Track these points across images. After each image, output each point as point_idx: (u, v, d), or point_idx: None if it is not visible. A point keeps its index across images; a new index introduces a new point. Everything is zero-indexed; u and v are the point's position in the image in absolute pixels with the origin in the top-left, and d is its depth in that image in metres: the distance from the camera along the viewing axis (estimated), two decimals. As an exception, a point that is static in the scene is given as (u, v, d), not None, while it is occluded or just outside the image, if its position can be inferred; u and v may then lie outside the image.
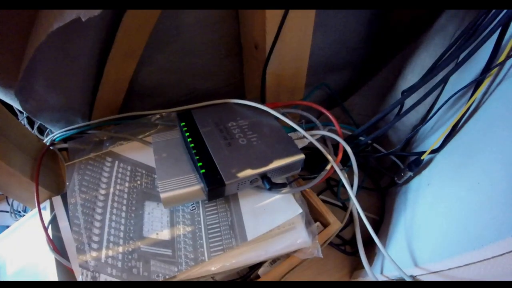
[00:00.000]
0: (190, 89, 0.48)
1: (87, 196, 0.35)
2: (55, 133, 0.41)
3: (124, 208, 0.35)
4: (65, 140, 0.42)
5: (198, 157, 0.32)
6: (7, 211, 0.47)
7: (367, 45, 0.50)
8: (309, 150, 0.36)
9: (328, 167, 0.36)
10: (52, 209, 0.37)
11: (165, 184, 0.33)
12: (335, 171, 0.36)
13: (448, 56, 0.30)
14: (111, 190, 0.36)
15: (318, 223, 0.38)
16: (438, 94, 0.39)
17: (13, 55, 0.33)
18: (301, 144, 0.37)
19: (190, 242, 0.33)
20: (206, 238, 0.33)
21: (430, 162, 0.35)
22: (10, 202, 0.47)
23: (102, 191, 0.36)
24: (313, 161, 0.38)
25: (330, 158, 0.35)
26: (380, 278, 0.35)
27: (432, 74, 0.31)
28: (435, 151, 0.33)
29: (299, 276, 0.43)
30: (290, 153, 0.33)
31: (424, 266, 0.29)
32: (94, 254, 0.32)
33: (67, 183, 0.36)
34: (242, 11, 0.38)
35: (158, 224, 0.34)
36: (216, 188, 0.30)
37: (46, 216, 0.36)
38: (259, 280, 0.34)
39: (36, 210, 0.39)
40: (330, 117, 0.37)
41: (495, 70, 0.28)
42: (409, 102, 0.35)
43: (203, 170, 0.31)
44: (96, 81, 0.39)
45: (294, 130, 0.37)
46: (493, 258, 0.23)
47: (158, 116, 0.43)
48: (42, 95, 0.36)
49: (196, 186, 0.33)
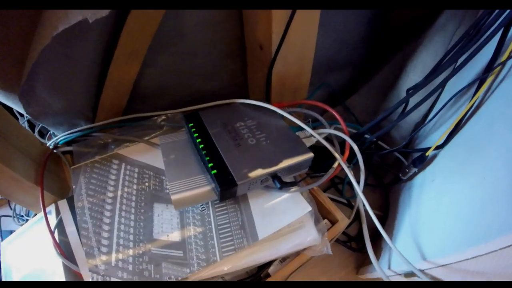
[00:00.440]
0: (193, 90, 0.48)
1: (95, 199, 0.35)
2: (58, 136, 0.40)
3: (133, 210, 0.35)
4: (68, 143, 0.41)
5: (208, 158, 0.32)
6: (10, 216, 0.46)
7: (367, 44, 0.51)
8: (313, 148, 0.36)
9: (335, 165, 0.36)
10: (57, 213, 0.36)
11: (175, 185, 0.32)
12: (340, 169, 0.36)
13: (451, 56, 0.31)
14: (119, 192, 0.36)
15: (326, 221, 0.39)
16: (439, 92, 0.40)
17: (14, 59, 0.32)
18: (308, 143, 0.37)
19: (201, 243, 0.33)
20: (217, 238, 0.33)
21: (434, 158, 0.36)
22: (13, 207, 0.46)
23: (110, 194, 0.36)
24: (317, 159, 0.38)
25: (337, 156, 0.36)
26: (387, 273, 0.36)
27: (436, 73, 0.32)
28: (439, 147, 0.34)
29: (307, 273, 0.44)
30: (299, 152, 0.34)
31: (431, 260, 0.29)
32: (104, 258, 0.32)
33: (74, 187, 0.36)
34: (246, 12, 0.38)
35: (168, 226, 0.34)
36: (228, 188, 0.30)
37: (52, 220, 0.35)
38: (270, 278, 0.35)
39: (40, 214, 0.38)
40: (336, 115, 0.37)
41: (498, 69, 0.29)
42: (412, 100, 0.36)
43: (215, 171, 0.31)
44: (99, 83, 0.39)
45: (301, 129, 0.38)
46: (499, 250, 0.23)
47: (163, 117, 0.42)
48: (45, 99, 0.36)
49: (206, 187, 0.33)
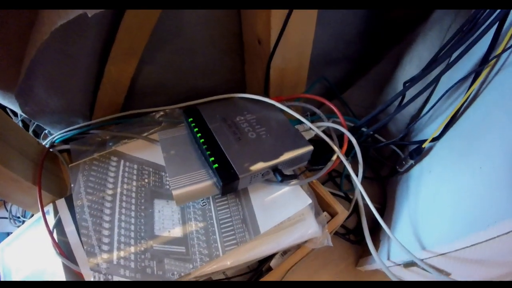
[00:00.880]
0: (190, 86, 0.48)
1: (94, 197, 0.35)
2: (55, 135, 0.40)
3: (133, 207, 0.35)
4: (65, 141, 0.40)
5: (209, 152, 0.32)
6: (6, 218, 0.45)
7: (364, 38, 0.51)
8: (311, 142, 0.36)
9: (334, 158, 0.37)
10: (55, 212, 0.36)
11: (176, 181, 0.32)
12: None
13: (448, 49, 0.32)
14: (118, 190, 0.36)
15: (325, 213, 0.39)
16: (435, 85, 0.41)
17: (12, 59, 0.31)
18: (307, 136, 0.37)
19: (203, 238, 0.33)
20: (219, 233, 0.33)
21: (430, 150, 0.37)
22: (9, 208, 0.46)
23: (109, 192, 0.35)
24: (315, 153, 0.39)
25: (336, 149, 0.36)
26: (387, 263, 0.36)
27: (433, 66, 0.32)
28: (436, 139, 0.35)
29: (307, 266, 0.44)
30: (299, 145, 0.34)
31: (431, 249, 0.30)
32: (106, 256, 0.31)
33: (72, 185, 0.35)
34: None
35: (169, 222, 0.34)
36: (230, 182, 0.30)
37: (50, 220, 0.35)
38: (272, 272, 0.35)
39: (38, 215, 0.37)
40: (334, 109, 0.38)
41: (493, 61, 0.29)
42: (408, 93, 0.36)
43: (216, 165, 0.31)
44: (97, 81, 0.39)
45: (300, 122, 0.38)
46: (498, 237, 0.24)
47: (162, 113, 0.42)
48: (42, 97, 0.35)
49: (207, 182, 0.33)
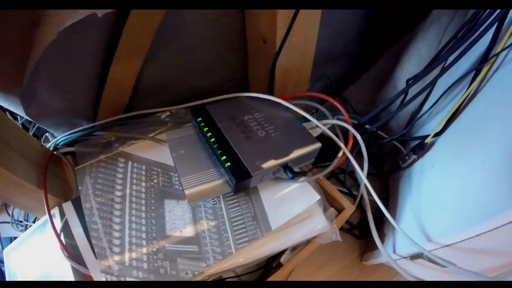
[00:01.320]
0: (193, 85, 0.48)
1: (103, 199, 0.34)
2: (58, 137, 0.39)
3: (143, 208, 0.35)
4: (68, 144, 0.40)
5: (220, 151, 0.32)
6: (8, 222, 0.44)
7: (364, 36, 0.52)
8: (317, 139, 0.37)
9: (340, 154, 0.37)
10: (62, 216, 0.35)
11: (187, 180, 0.33)
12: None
13: (450, 47, 0.33)
14: (128, 191, 0.35)
15: (332, 209, 0.40)
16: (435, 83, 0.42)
17: (13, 59, 0.31)
18: (314, 133, 0.38)
19: (216, 236, 0.33)
20: (231, 231, 0.33)
21: (432, 145, 0.38)
22: (11, 213, 0.44)
23: (118, 193, 0.35)
24: (320, 149, 0.39)
25: (342, 145, 0.37)
26: (393, 256, 0.37)
27: (435, 63, 0.33)
28: (438, 134, 0.36)
29: (312, 261, 0.45)
30: (307, 142, 0.35)
31: (436, 241, 0.31)
32: (117, 258, 0.31)
33: (80, 188, 0.35)
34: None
35: (180, 221, 0.34)
36: (243, 180, 0.30)
37: (57, 223, 0.35)
38: (282, 268, 0.36)
39: (43, 218, 0.37)
40: (339, 107, 0.39)
41: (493, 59, 0.31)
42: (410, 91, 0.38)
43: (228, 164, 0.31)
44: (100, 81, 0.38)
45: (305, 120, 0.39)
46: (501, 226, 0.25)
47: (168, 113, 0.42)
48: (46, 99, 0.35)
49: (219, 180, 0.33)
